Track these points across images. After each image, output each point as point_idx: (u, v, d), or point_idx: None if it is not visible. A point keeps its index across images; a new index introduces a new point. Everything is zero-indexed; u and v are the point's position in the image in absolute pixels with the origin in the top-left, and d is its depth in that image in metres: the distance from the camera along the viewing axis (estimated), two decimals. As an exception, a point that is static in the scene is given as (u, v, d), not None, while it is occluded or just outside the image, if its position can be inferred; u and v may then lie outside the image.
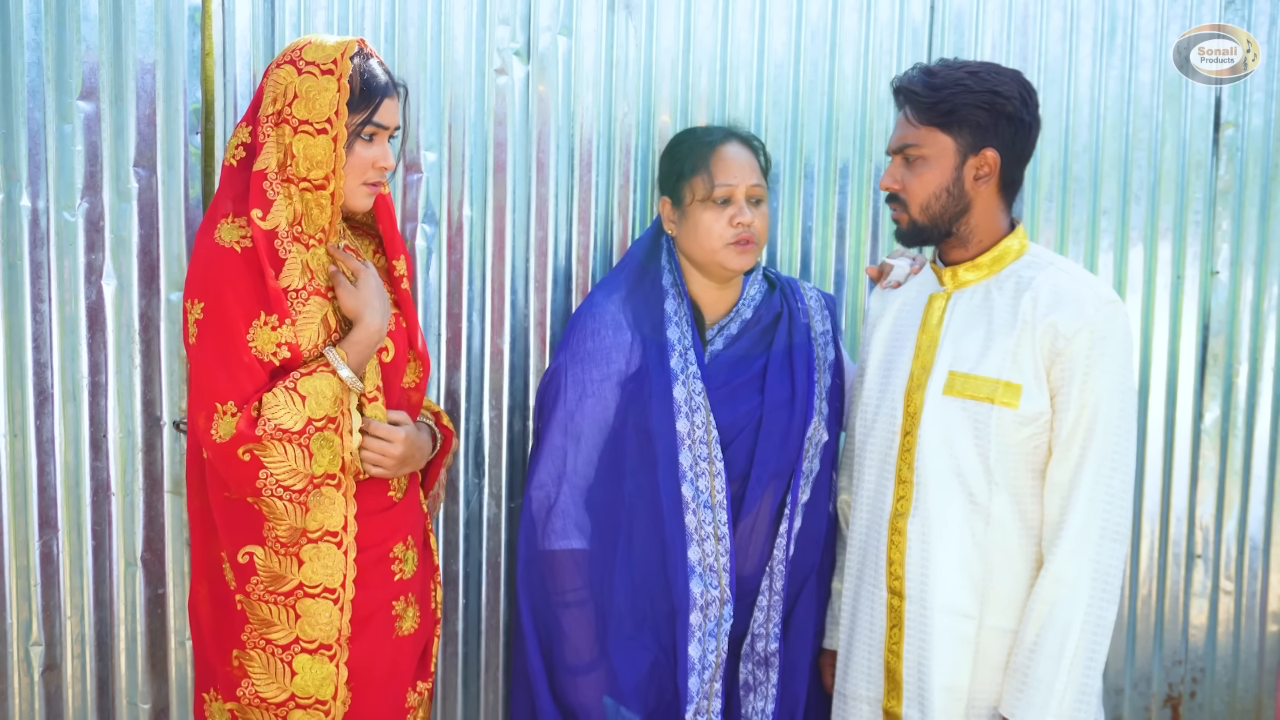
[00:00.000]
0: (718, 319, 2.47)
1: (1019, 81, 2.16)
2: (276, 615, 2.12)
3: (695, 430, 2.35)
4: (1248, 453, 3.18)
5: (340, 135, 2.07)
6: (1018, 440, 2.11)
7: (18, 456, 2.38)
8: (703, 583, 2.32)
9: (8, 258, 2.34)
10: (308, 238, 2.12)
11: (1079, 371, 2.07)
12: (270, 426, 2.04)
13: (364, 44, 2.13)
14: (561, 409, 2.39)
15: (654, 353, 2.36)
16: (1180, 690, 3.23)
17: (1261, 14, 3.04)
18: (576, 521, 2.34)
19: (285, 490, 2.07)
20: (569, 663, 2.35)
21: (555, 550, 2.35)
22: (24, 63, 2.31)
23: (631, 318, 2.39)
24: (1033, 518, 2.14)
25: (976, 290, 2.21)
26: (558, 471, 2.37)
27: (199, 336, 2.08)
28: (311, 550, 2.11)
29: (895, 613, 2.23)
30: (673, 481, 2.33)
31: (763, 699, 2.43)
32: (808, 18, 2.79)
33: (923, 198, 2.17)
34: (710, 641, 2.33)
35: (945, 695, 2.16)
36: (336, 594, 2.14)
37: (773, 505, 2.41)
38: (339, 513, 2.12)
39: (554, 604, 2.37)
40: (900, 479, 2.22)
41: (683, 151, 2.44)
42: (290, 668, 2.13)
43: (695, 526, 2.33)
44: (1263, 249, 3.13)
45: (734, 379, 2.41)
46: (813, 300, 2.55)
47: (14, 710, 2.44)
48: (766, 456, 2.39)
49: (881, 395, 2.29)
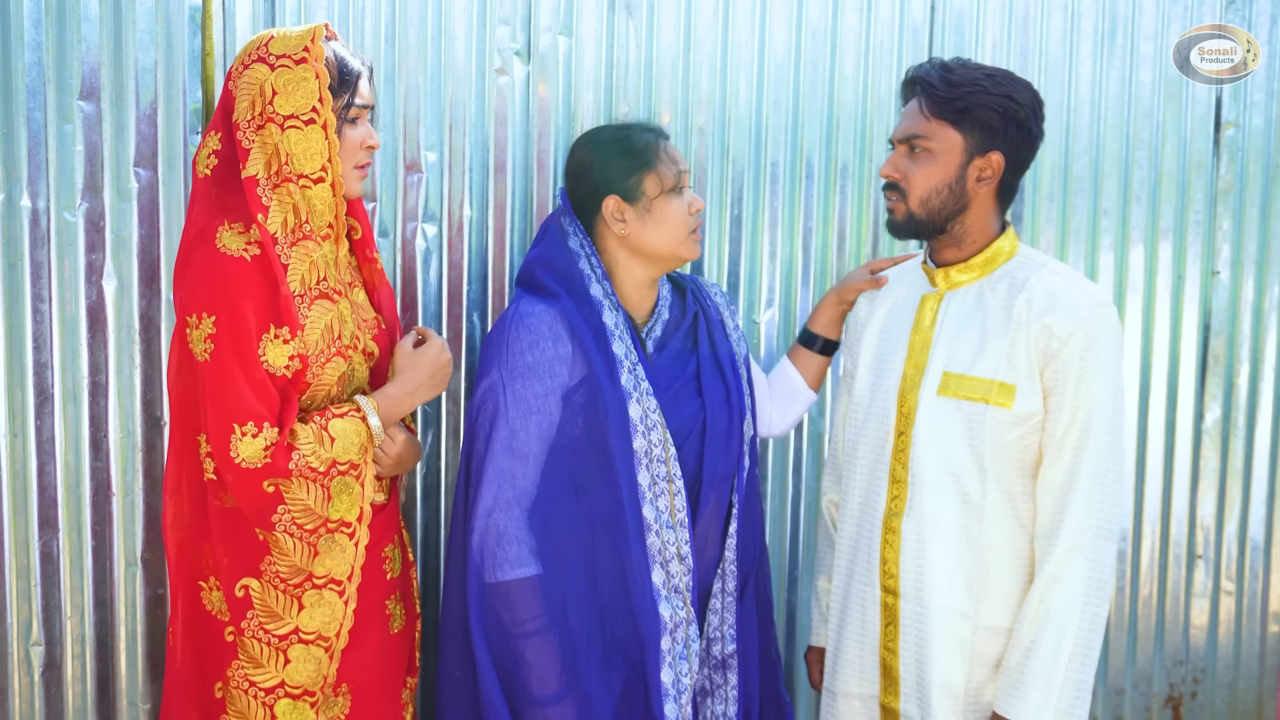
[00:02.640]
0: (643, 322, 2.40)
1: (1031, 92, 2.17)
2: (265, 657, 2.08)
3: (653, 449, 2.27)
4: (1249, 453, 3.18)
5: (330, 121, 2.04)
6: (1010, 440, 2.13)
7: (18, 456, 2.39)
8: (670, 605, 2.26)
9: (8, 258, 2.34)
10: (315, 234, 2.09)
11: (1073, 373, 2.08)
12: (302, 463, 2.01)
13: (328, 28, 2.11)
14: (504, 428, 2.23)
15: (602, 368, 2.25)
16: (1181, 690, 3.23)
17: (1262, 14, 3.04)
18: (531, 546, 2.21)
19: (298, 529, 2.04)
20: (535, 694, 2.23)
21: (510, 580, 2.20)
22: (24, 63, 2.31)
23: (568, 328, 2.27)
24: (1025, 516, 2.15)
25: (969, 291, 2.22)
26: (506, 496, 2.22)
27: (215, 354, 2.00)
28: (314, 596, 2.08)
29: (890, 611, 2.23)
30: (635, 503, 2.25)
31: (722, 702, 2.40)
32: (808, 18, 2.79)
33: (923, 191, 2.17)
34: (682, 664, 2.27)
35: (942, 692, 2.16)
36: (329, 643, 2.11)
37: (722, 508, 2.38)
38: (347, 561, 2.09)
39: (512, 636, 2.22)
40: (894, 479, 2.23)
41: (635, 145, 2.32)
42: (271, 711, 2.10)
43: (659, 549, 2.26)
44: (1263, 249, 3.13)
45: (673, 383, 2.36)
46: (718, 296, 2.52)
47: (14, 710, 2.44)
48: (715, 459, 2.34)
49: (873, 396, 2.30)
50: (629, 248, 2.33)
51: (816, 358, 2.59)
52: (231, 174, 2.06)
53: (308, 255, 2.08)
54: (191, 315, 2.02)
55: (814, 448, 2.92)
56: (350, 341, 2.14)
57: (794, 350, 2.61)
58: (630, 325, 2.33)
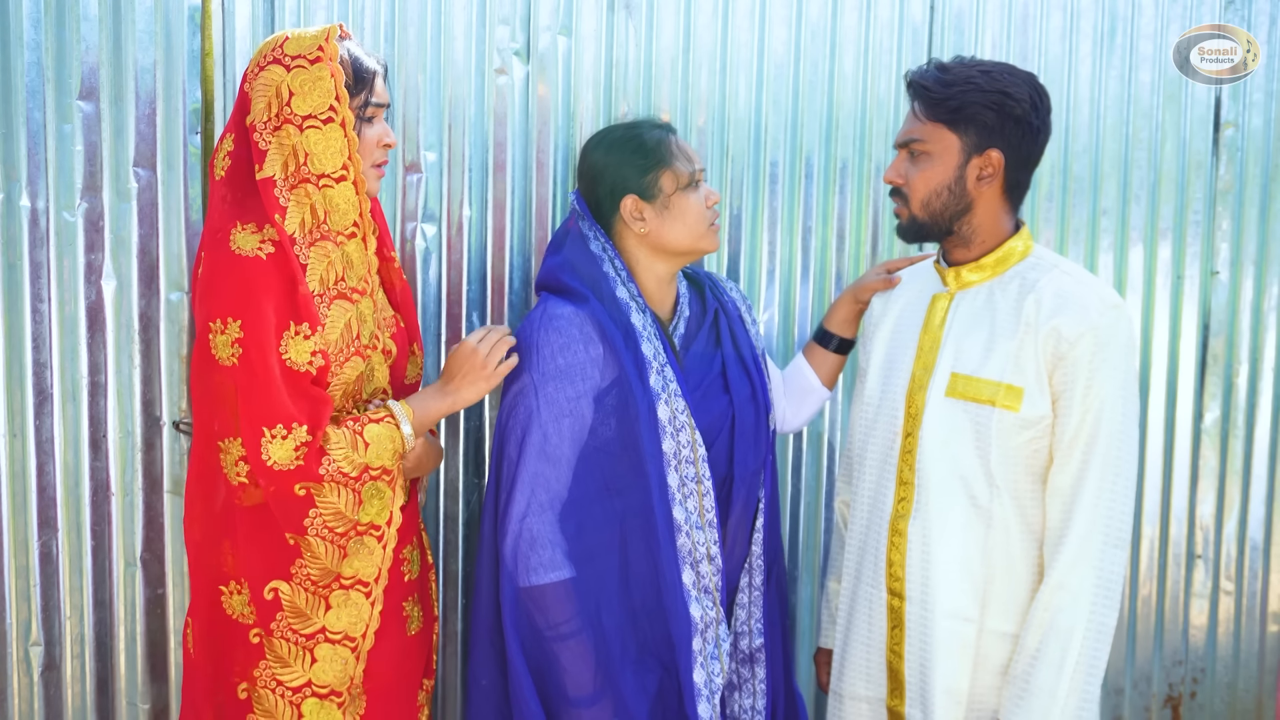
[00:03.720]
0: (668, 320, 2.41)
1: (1031, 85, 2.14)
2: (293, 657, 2.09)
3: (681, 450, 2.27)
4: (1248, 453, 3.18)
5: (348, 119, 2.03)
6: (1018, 444, 2.10)
7: (17, 456, 2.38)
8: (700, 606, 2.27)
9: (7, 258, 2.34)
10: (336, 235, 2.08)
11: (1082, 376, 2.05)
12: (334, 468, 2.02)
13: (343, 28, 2.11)
14: (536, 432, 2.22)
15: (632, 370, 2.25)
16: (1180, 690, 3.23)
17: (1261, 14, 3.05)
18: (564, 550, 2.22)
19: (329, 531, 2.05)
20: (571, 696, 2.23)
21: (545, 584, 2.20)
22: (24, 63, 2.31)
23: (599, 330, 2.26)
24: (1034, 521, 2.13)
25: (980, 291, 2.21)
26: (540, 500, 2.22)
27: (244, 358, 1.99)
28: (340, 596, 2.09)
29: (896, 614, 2.22)
30: (665, 505, 2.25)
31: (750, 695, 2.40)
32: (808, 17, 2.79)
33: (924, 194, 2.16)
34: (714, 664, 2.28)
35: (946, 698, 2.15)
36: (356, 644, 2.12)
37: (751, 504, 2.39)
38: (374, 564, 2.11)
39: (547, 639, 2.23)
40: (901, 480, 2.22)
41: (648, 143, 2.33)
42: (298, 710, 2.11)
43: (689, 550, 2.27)
44: (1263, 249, 3.13)
45: (701, 382, 2.36)
46: (735, 293, 2.53)
47: (13, 710, 2.44)
48: (745, 456, 2.36)
49: (882, 396, 2.28)
50: (649, 245, 2.33)
51: (831, 356, 2.58)
52: (245, 175, 2.06)
53: (326, 255, 2.07)
54: (214, 321, 2.01)
55: (814, 448, 2.92)
56: (369, 341, 2.14)
57: (809, 347, 2.61)
58: (658, 325, 2.33)
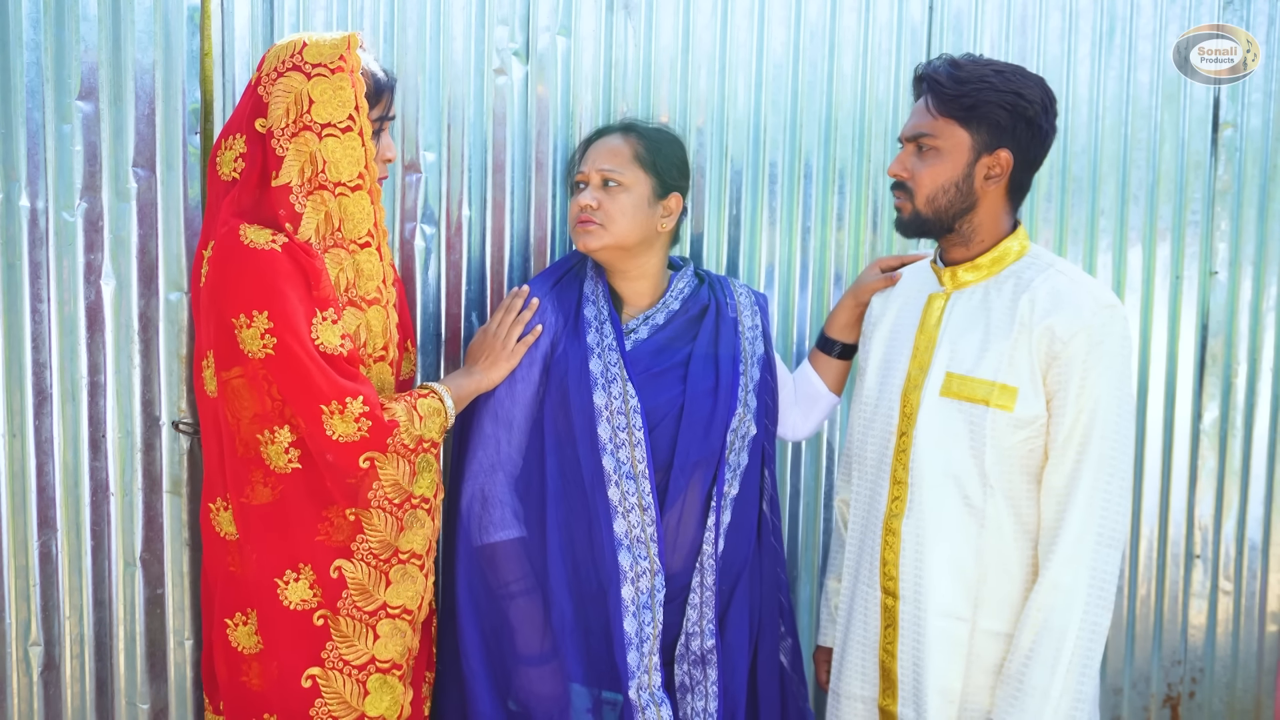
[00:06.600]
0: (643, 309, 2.47)
1: (1042, 88, 2.14)
2: (357, 634, 2.12)
3: (613, 402, 2.34)
4: (1246, 453, 3.18)
5: (366, 129, 2.07)
6: (1013, 444, 2.10)
7: (16, 456, 2.39)
8: (631, 555, 2.31)
9: (7, 258, 2.34)
10: (349, 242, 2.11)
11: (1076, 375, 2.06)
12: (398, 440, 2.08)
13: (359, 37, 2.12)
14: (491, 396, 2.36)
15: (569, 328, 2.38)
16: (1179, 690, 3.23)
17: (1260, 14, 3.05)
18: (514, 509, 2.33)
19: (389, 503, 2.10)
20: (521, 653, 2.34)
21: (496, 542, 2.33)
22: (23, 63, 2.31)
23: (555, 301, 2.42)
24: (1029, 522, 2.13)
25: (975, 291, 2.21)
26: (490, 461, 2.35)
27: (279, 346, 2.00)
28: (399, 571, 2.14)
29: (889, 613, 2.23)
30: (593, 455, 2.32)
31: (702, 698, 2.41)
32: (806, 18, 2.79)
33: (930, 189, 2.16)
34: (646, 614, 2.32)
35: (939, 697, 2.15)
36: (413, 616, 2.17)
37: (700, 497, 2.40)
38: (425, 536, 2.17)
39: (498, 596, 2.34)
40: (895, 480, 2.22)
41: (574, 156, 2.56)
42: (364, 688, 2.13)
43: (619, 499, 2.32)
44: (1261, 249, 3.13)
45: (655, 366, 2.40)
46: (743, 296, 2.54)
47: (13, 710, 2.44)
48: (689, 445, 2.38)
49: (879, 395, 2.29)
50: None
51: (835, 362, 2.58)
52: (259, 180, 2.07)
53: (339, 262, 2.10)
54: (239, 316, 2.01)
55: (813, 448, 2.93)
56: (374, 351, 2.17)
57: (814, 354, 2.61)
58: (609, 293, 2.45)
